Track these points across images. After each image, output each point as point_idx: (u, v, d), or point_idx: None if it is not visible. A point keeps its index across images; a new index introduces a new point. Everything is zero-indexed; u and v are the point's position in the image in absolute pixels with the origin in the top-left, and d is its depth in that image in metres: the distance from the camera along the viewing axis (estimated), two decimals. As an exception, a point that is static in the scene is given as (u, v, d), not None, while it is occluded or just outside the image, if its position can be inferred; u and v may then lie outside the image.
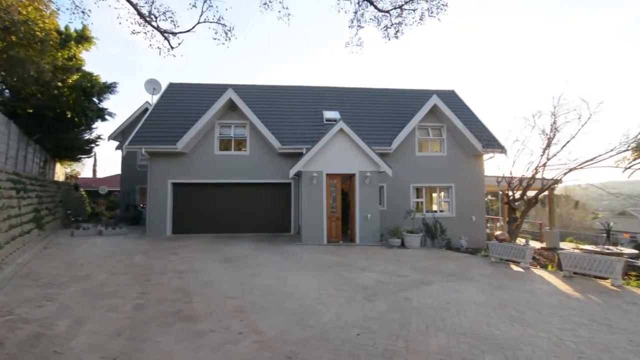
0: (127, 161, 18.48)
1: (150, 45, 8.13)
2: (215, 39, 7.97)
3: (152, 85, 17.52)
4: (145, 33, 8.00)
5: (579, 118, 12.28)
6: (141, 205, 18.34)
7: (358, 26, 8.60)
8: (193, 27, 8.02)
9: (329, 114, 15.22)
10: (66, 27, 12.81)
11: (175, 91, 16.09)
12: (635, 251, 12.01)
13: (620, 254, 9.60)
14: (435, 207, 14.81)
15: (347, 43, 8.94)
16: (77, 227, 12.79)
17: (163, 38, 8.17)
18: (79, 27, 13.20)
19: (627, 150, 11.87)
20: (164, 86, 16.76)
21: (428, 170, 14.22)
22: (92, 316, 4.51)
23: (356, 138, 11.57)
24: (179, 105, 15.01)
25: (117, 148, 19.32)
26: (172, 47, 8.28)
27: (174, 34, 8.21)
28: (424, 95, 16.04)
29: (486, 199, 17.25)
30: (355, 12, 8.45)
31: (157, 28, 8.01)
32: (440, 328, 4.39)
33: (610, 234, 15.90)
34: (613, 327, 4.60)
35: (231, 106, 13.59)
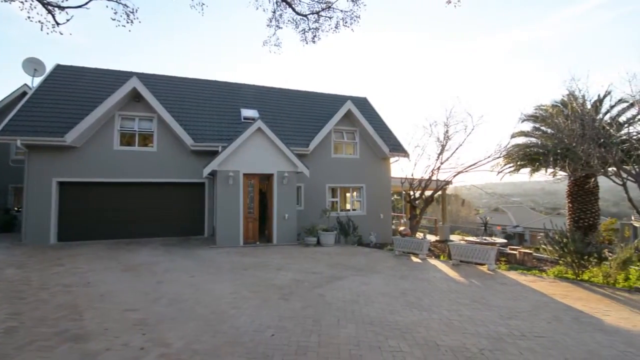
0: (-6, 155, 15.16)
1: (29, 17, 6.81)
2: (114, 19, 7.08)
3: (32, 65, 14.73)
4: (22, 2, 6.68)
5: (465, 129, 14.44)
6: (15, 209, 15.25)
7: (276, 26, 8.61)
8: (86, 3, 7.00)
9: (247, 112, 14.87)
10: None
11: (65, 74, 13.77)
12: (505, 241, 14.57)
13: (494, 244, 11.52)
14: (348, 206, 15.67)
15: (265, 42, 8.88)
16: None
17: (46, 11, 6.93)
18: None
19: (500, 157, 14.37)
20: (49, 67, 14.25)
21: (342, 172, 14.97)
22: (-62, 349, 3.60)
23: (274, 138, 11.54)
24: (69, 91, 12.88)
25: (-20, 138, 15.70)
26: (57, 23, 7.08)
27: (61, 7, 7.03)
28: (340, 100, 16.88)
29: (392, 198, 18.94)
30: (274, 12, 8.45)
31: (39, -2, 6.76)
32: (350, 320, 4.67)
33: (487, 227, 18.95)
34: (488, 305, 5.50)
35: (135, 96, 12.24)
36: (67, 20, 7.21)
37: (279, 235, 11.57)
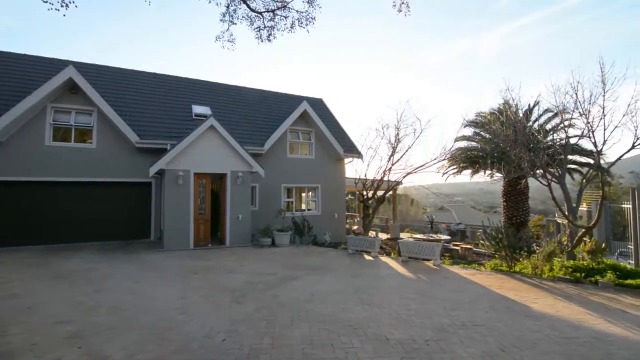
0: None
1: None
2: (46, 1, 6.40)
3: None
4: None
5: (414, 132, 15.22)
6: None
7: (230, 22, 8.38)
8: (12, -18, 6.25)
9: (198, 109, 14.27)
10: None
11: (-17, 60, 12.17)
12: (449, 237, 15.56)
13: (439, 240, 12.24)
14: (303, 206, 15.72)
15: (217, 37, 8.60)
16: None
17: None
18: None
19: (445, 159, 15.32)
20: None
21: (298, 172, 14.97)
22: None
23: (228, 136, 11.21)
24: (-11, 78, 11.41)
25: None
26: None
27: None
28: (296, 100, 16.87)
29: (346, 198, 19.36)
30: (228, 7, 8.22)
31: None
32: (304, 319, 4.68)
33: (433, 225, 20.08)
34: (433, 298, 5.84)
35: (72, 87, 11.17)
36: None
37: (232, 237, 11.26)
